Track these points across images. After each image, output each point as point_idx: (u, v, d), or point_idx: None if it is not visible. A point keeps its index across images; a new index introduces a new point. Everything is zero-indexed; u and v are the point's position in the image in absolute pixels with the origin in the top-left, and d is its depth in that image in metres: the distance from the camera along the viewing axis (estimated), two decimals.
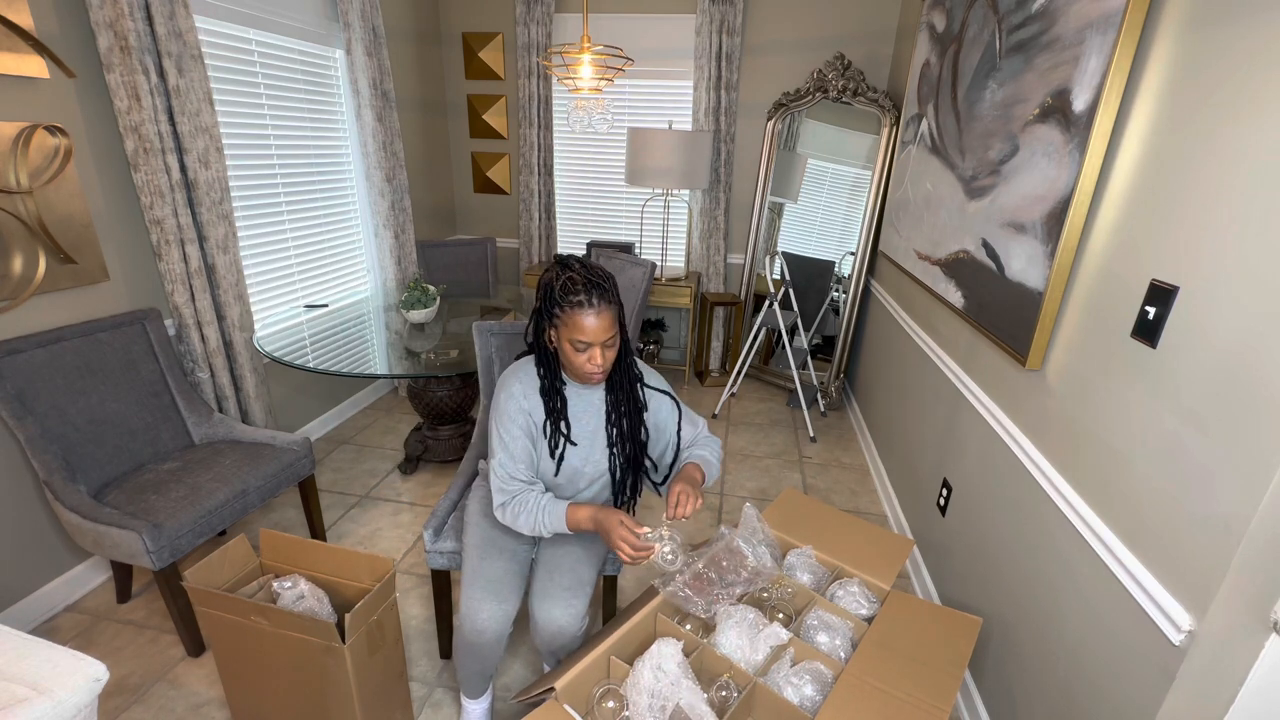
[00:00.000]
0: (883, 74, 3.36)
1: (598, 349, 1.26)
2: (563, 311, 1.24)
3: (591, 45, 2.55)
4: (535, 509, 1.33)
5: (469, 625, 1.35)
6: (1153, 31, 1.13)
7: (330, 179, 2.98)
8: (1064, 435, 1.32)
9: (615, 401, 1.40)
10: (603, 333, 1.25)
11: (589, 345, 1.25)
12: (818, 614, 1.42)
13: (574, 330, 1.23)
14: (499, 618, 1.35)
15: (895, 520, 2.46)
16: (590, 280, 1.24)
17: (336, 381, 3.18)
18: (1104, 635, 1.14)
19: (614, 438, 1.41)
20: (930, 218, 2.23)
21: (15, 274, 1.70)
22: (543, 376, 1.36)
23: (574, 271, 1.25)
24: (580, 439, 1.40)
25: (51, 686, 1.02)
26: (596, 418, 1.41)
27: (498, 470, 1.35)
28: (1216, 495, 0.91)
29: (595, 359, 1.26)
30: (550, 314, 1.26)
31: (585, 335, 1.23)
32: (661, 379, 1.51)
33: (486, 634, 1.35)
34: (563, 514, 1.32)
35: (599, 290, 1.24)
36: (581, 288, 1.23)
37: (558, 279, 1.25)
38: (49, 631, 1.83)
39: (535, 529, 1.33)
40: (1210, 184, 0.97)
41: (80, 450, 1.76)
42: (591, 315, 1.23)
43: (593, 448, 1.41)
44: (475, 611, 1.35)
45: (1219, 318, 0.93)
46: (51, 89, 1.76)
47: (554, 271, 1.27)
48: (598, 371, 1.28)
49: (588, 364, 1.27)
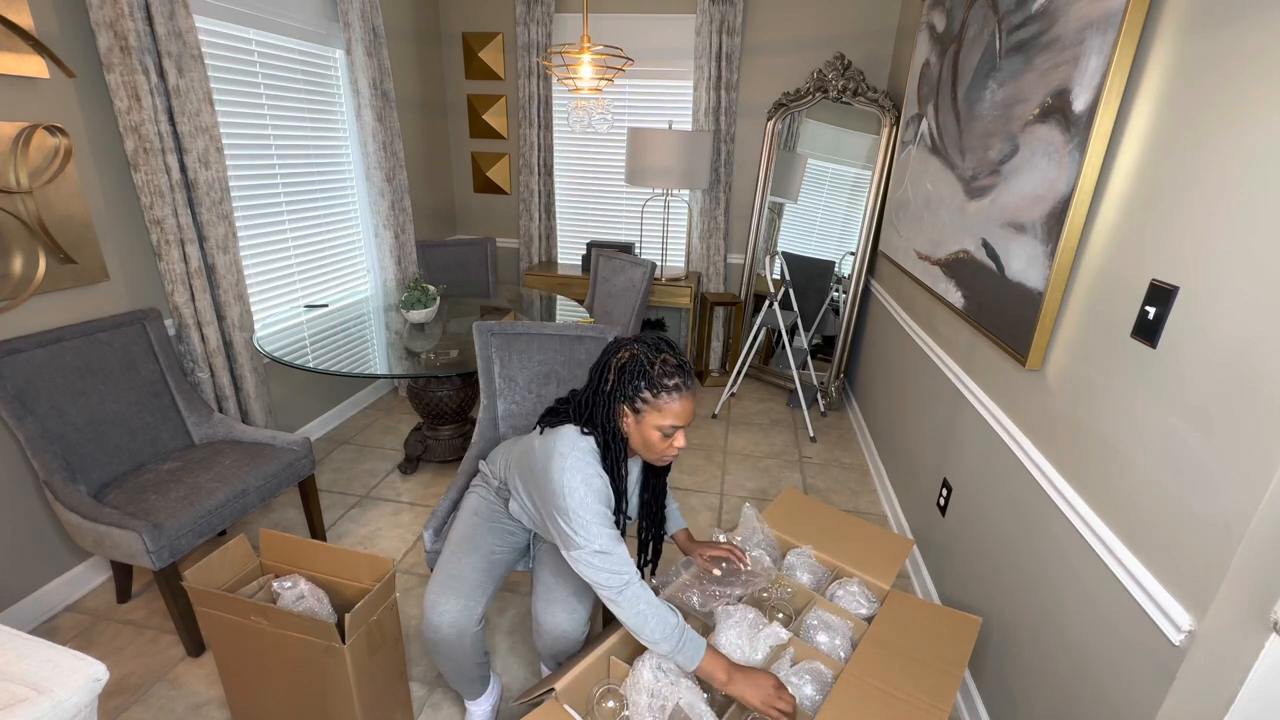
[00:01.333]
0: (883, 74, 3.36)
1: (682, 433, 1.20)
2: (656, 396, 1.15)
3: (591, 45, 2.55)
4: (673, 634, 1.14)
5: (426, 622, 1.34)
6: (1153, 32, 1.13)
7: (330, 179, 2.98)
8: (1064, 435, 1.32)
9: (651, 470, 1.38)
10: (692, 415, 1.21)
11: (679, 429, 1.18)
12: (818, 614, 1.42)
13: (666, 416, 1.16)
14: (457, 614, 1.32)
15: (895, 520, 2.45)
16: (683, 362, 1.18)
17: (336, 381, 3.18)
18: (1104, 635, 1.14)
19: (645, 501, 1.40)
20: (930, 218, 2.23)
21: (15, 274, 1.70)
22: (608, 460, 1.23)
23: (667, 353, 1.18)
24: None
25: (51, 686, 1.02)
26: (633, 486, 1.40)
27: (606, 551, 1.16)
28: (1217, 495, 0.91)
29: (679, 442, 1.19)
30: (635, 398, 1.17)
31: (679, 420, 1.17)
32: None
33: (442, 631, 1.32)
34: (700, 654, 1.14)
35: (691, 372, 1.19)
36: (677, 370, 1.16)
37: (652, 361, 1.16)
38: (49, 631, 1.83)
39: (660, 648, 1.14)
40: (1210, 184, 0.97)
41: (80, 450, 1.76)
42: (687, 399, 1.17)
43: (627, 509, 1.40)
44: (432, 607, 1.33)
45: (1219, 317, 0.93)
46: (51, 89, 1.76)
47: (641, 352, 1.17)
48: (677, 454, 1.23)
49: (671, 448, 1.20)
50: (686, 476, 2.79)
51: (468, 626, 1.34)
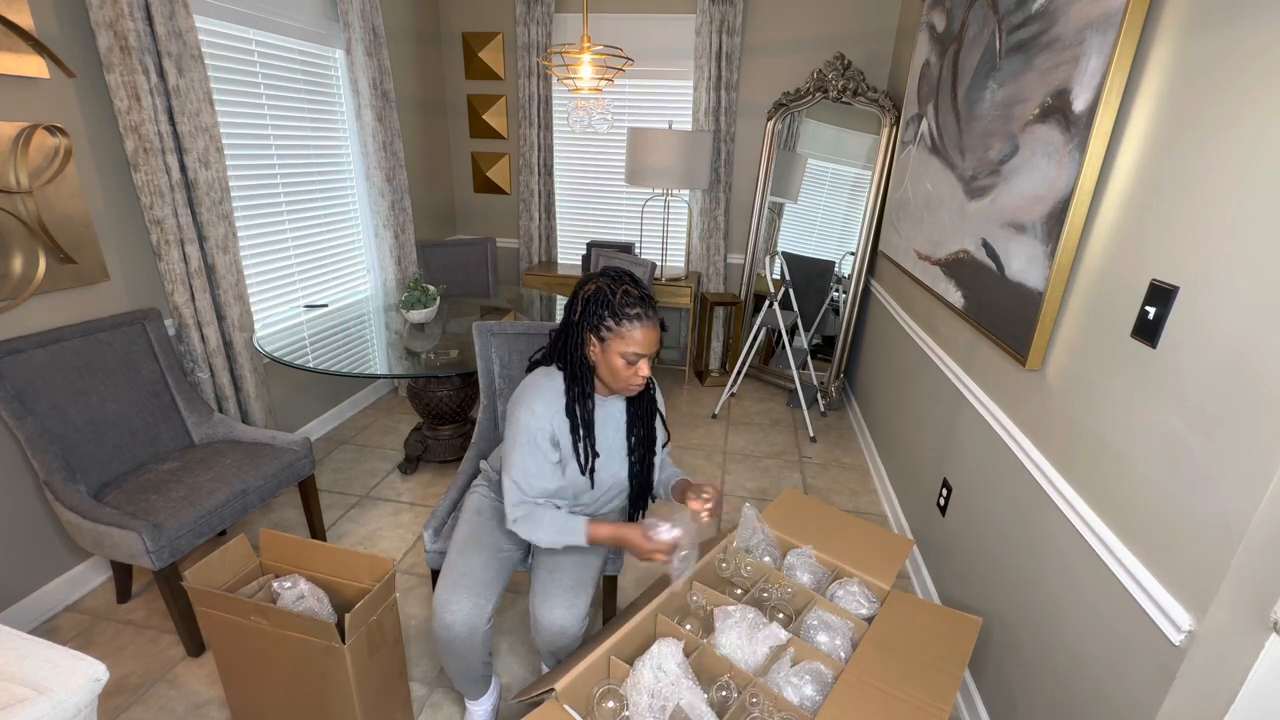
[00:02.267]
0: (883, 74, 3.36)
1: (645, 361, 1.28)
2: (618, 324, 1.25)
3: (591, 45, 2.55)
4: (556, 523, 1.35)
5: (437, 621, 1.35)
6: (1153, 32, 1.13)
7: (330, 179, 2.98)
8: (1064, 435, 1.32)
9: (637, 411, 1.43)
10: (655, 344, 1.28)
11: (641, 357, 1.27)
12: (818, 614, 1.42)
13: (629, 343, 1.25)
14: (468, 612, 1.33)
15: (895, 520, 2.45)
16: (645, 294, 1.27)
17: (336, 381, 3.18)
18: (1104, 635, 1.14)
19: (634, 446, 1.44)
20: (930, 218, 2.23)
21: (15, 274, 1.70)
22: (573, 392, 1.34)
23: (629, 285, 1.27)
24: (602, 450, 1.41)
25: (51, 686, 1.02)
26: (616, 429, 1.43)
27: (517, 486, 1.35)
28: (1217, 495, 0.91)
29: (643, 370, 1.29)
30: (600, 326, 1.26)
31: (641, 347, 1.26)
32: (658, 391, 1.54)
33: (455, 629, 1.33)
34: (583, 528, 1.35)
35: (653, 304, 1.28)
36: (638, 301, 1.25)
37: (614, 291, 1.26)
38: (49, 631, 1.83)
39: (554, 542, 1.35)
40: (1210, 184, 0.97)
41: (80, 450, 1.76)
42: (649, 327, 1.26)
43: (612, 458, 1.43)
44: (444, 606, 1.34)
45: (1219, 317, 0.93)
46: (51, 89, 1.76)
47: (604, 284, 1.27)
48: (643, 383, 1.31)
49: (635, 376, 1.29)
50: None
51: (479, 625, 1.35)
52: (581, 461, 1.38)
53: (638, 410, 1.43)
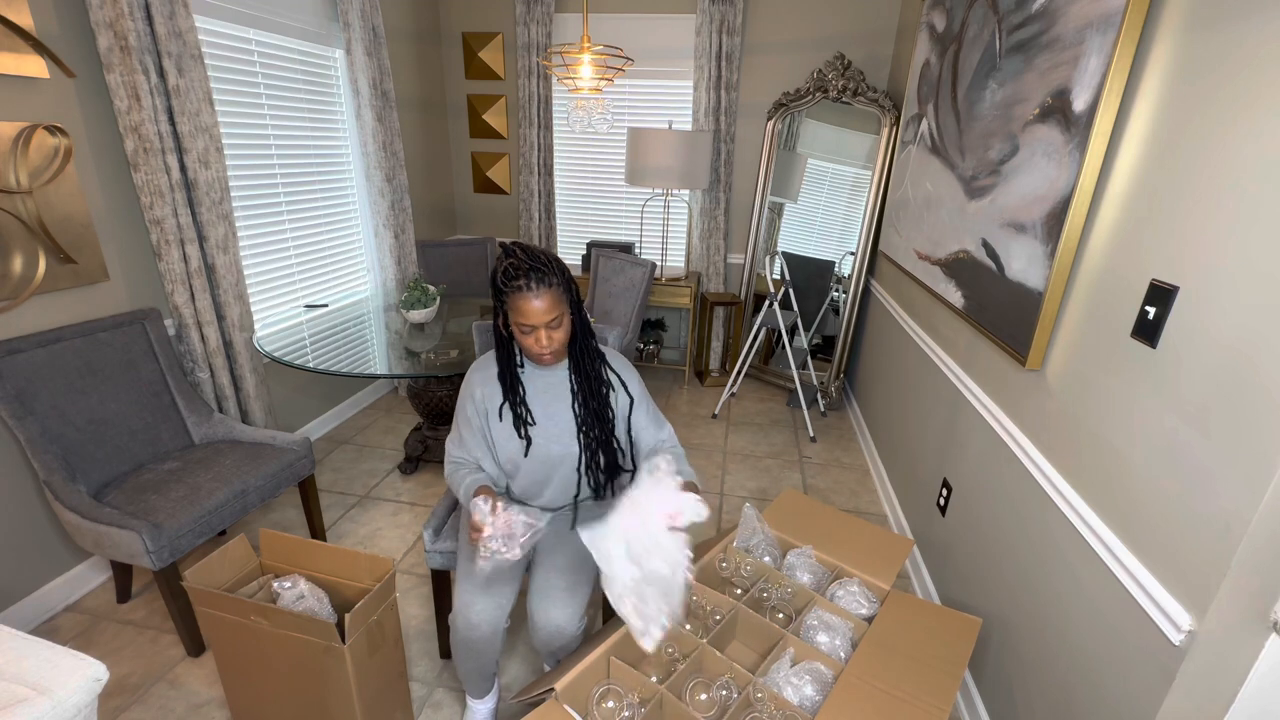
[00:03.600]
0: (883, 74, 3.36)
1: (542, 330, 1.30)
2: (507, 296, 1.29)
3: (591, 45, 2.55)
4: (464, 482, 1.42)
5: (461, 621, 1.36)
6: (1153, 32, 1.13)
7: (330, 179, 2.98)
8: (1064, 435, 1.32)
9: (579, 380, 1.43)
10: (545, 314, 1.28)
11: (533, 328, 1.30)
12: (818, 614, 1.42)
13: (518, 314, 1.29)
14: (491, 612, 1.36)
15: (895, 520, 2.45)
16: (531, 265, 1.27)
17: (336, 381, 3.18)
18: (1104, 635, 1.14)
19: (579, 415, 1.44)
20: (930, 218, 2.23)
21: (15, 274, 1.70)
22: (500, 361, 1.42)
23: (515, 257, 1.29)
24: (544, 419, 1.43)
25: (51, 686, 1.02)
26: (561, 398, 1.44)
27: (453, 441, 1.48)
28: (1217, 495, 0.91)
29: (541, 340, 1.31)
30: (499, 299, 1.32)
31: (528, 318, 1.28)
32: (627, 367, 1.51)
33: (480, 629, 1.35)
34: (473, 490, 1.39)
35: (537, 274, 1.27)
36: (520, 272, 1.26)
37: (501, 265, 1.30)
38: (49, 631, 1.83)
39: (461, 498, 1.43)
40: (1210, 184, 0.97)
41: (80, 450, 1.76)
42: (532, 298, 1.27)
43: (559, 428, 1.43)
44: (467, 607, 1.36)
45: (1219, 317, 0.93)
46: (51, 89, 1.76)
47: (499, 256, 1.33)
48: (545, 352, 1.33)
49: (535, 345, 1.32)
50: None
51: (499, 623, 1.38)
52: (516, 428, 1.41)
53: (580, 379, 1.43)
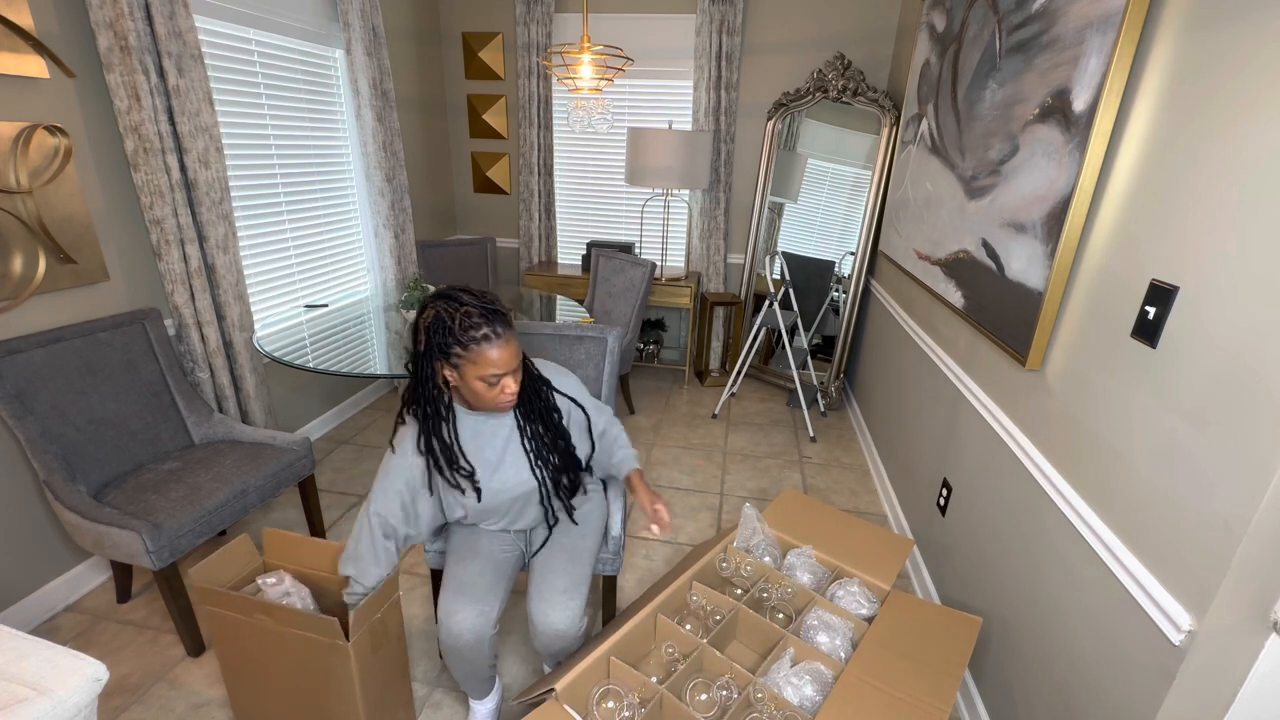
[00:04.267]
0: (883, 74, 3.36)
1: (510, 377, 1.19)
2: (466, 349, 1.15)
3: (591, 45, 2.55)
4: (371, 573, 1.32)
5: (444, 630, 1.35)
6: (1153, 32, 1.13)
7: (330, 179, 2.98)
8: (1064, 435, 1.32)
9: (525, 413, 1.34)
10: (514, 359, 1.18)
11: (501, 376, 1.18)
12: (818, 614, 1.43)
13: (485, 366, 1.15)
14: (474, 620, 1.33)
15: (895, 520, 2.46)
16: (488, 309, 1.16)
17: (336, 381, 3.18)
18: (1104, 635, 1.14)
19: (531, 449, 1.36)
20: (930, 218, 2.23)
21: (15, 274, 1.70)
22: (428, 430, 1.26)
23: (468, 305, 1.16)
24: (491, 461, 1.35)
25: (51, 686, 1.02)
26: (506, 435, 1.35)
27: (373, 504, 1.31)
28: (1216, 495, 0.91)
29: (509, 388, 1.20)
30: (449, 353, 1.16)
31: (498, 368, 1.16)
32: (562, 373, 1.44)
33: (463, 638, 1.34)
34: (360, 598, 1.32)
35: (500, 317, 1.16)
36: (483, 320, 1.14)
37: (453, 316, 1.14)
38: (49, 631, 1.83)
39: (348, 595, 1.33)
40: (1210, 184, 0.97)
41: (80, 450, 1.76)
42: (500, 345, 1.15)
43: (511, 466, 1.36)
44: (449, 615, 1.34)
45: (1219, 318, 0.93)
46: (51, 89, 1.76)
47: (441, 308, 1.16)
48: (513, 400, 1.23)
49: (501, 395, 1.20)
50: (686, 476, 2.79)
51: (485, 631, 1.35)
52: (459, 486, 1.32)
53: (526, 412, 1.34)
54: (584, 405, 1.46)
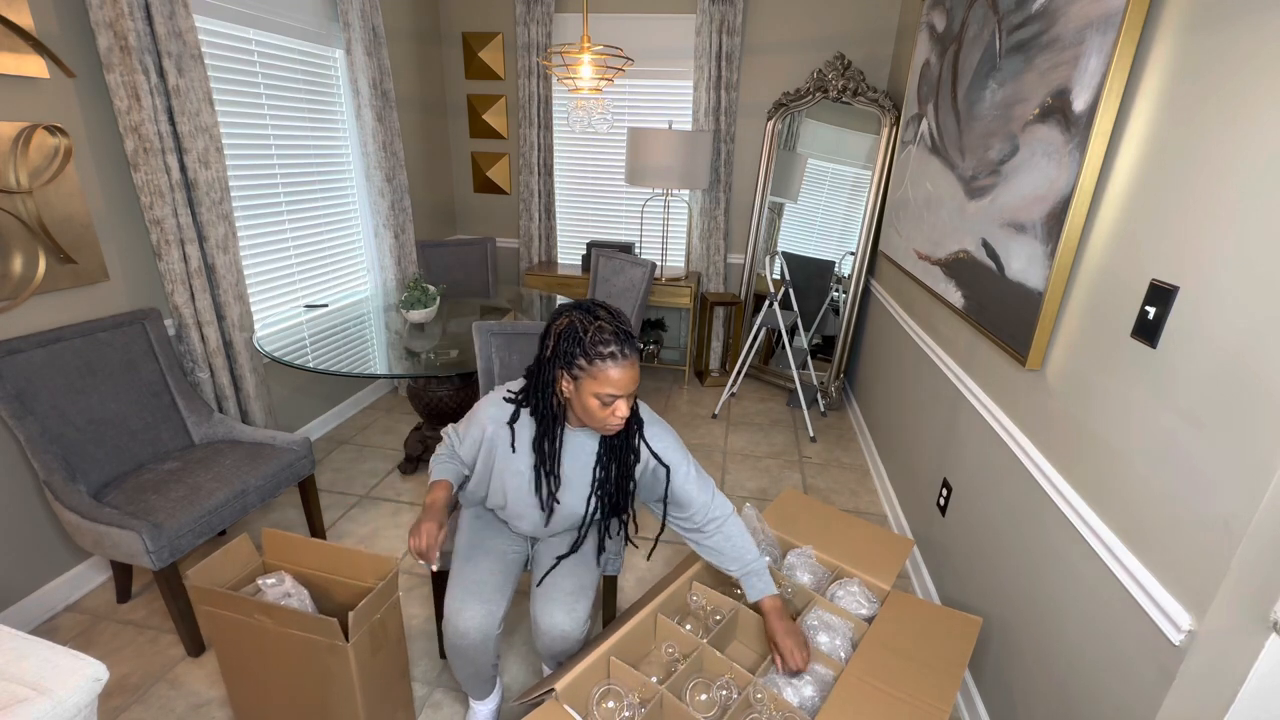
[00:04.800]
0: (883, 74, 3.36)
1: (624, 401, 1.19)
2: (590, 363, 1.15)
3: (591, 45, 2.55)
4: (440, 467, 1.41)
5: (450, 628, 1.35)
6: (1153, 32, 1.13)
7: (330, 179, 2.98)
8: (1064, 435, 1.32)
9: (610, 447, 1.32)
10: (633, 383, 1.17)
11: (616, 398, 1.17)
12: (818, 614, 1.42)
13: (603, 384, 1.15)
14: (481, 619, 1.34)
15: (895, 520, 2.45)
16: (620, 330, 1.17)
17: (336, 381, 3.18)
18: (1104, 635, 1.14)
19: (597, 480, 1.34)
20: (930, 218, 2.23)
21: (15, 274, 1.70)
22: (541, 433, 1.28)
23: (603, 320, 1.17)
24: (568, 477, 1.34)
25: (51, 686, 1.02)
26: (585, 458, 1.34)
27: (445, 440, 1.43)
28: (1216, 495, 0.91)
29: (620, 411, 1.19)
30: (573, 364, 1.17)
31: (616, 388, 1.16)
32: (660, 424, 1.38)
33: (469, 636, 1.34)
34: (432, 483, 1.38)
35: (630, 340, 1.17)
36: (613, 338, 1.15)
37: (585, 328, 1.16)
38: (49, 631, 1.83)
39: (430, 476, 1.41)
40: (1210, 184, 0.97)
41: (80, 450, 1.76)
42: (625, 367, 1.16)
43: (571, 490, 1.35)
44: (457, 614, 1.34)
45: (1219, 318, 0.93)
46: (51, 89, 1.76)
47: (577, 318, 1.18)
48: (621, 424, 1.21)
49: (611, 417, 1.19)
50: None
51: (491, 629, 1.35)
52: (542, 497, 1.32)
53: (614, 445, 1.32)
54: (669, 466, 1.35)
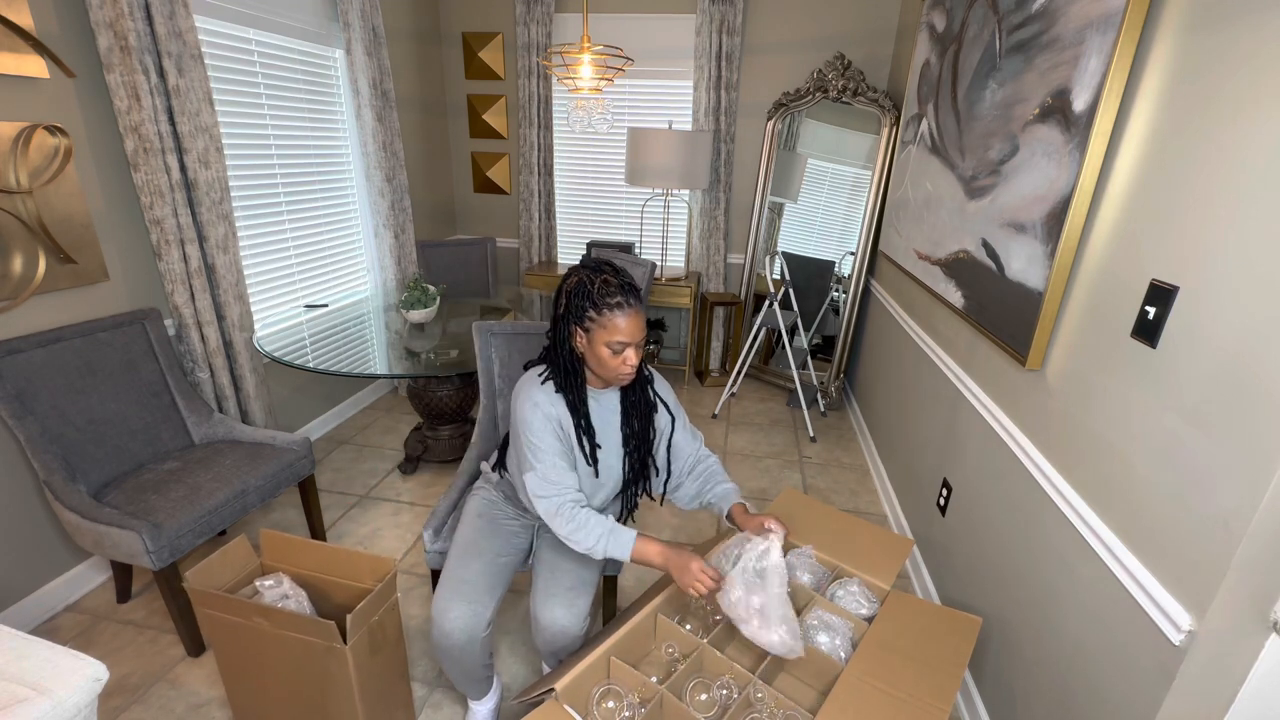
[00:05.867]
0: (883, 74, 3.36)
1: (633, 349, 1.28)
2: (599, 314, 1.25)
3: (591, 45, 2.55)
4: (601, 531, 1.28)
5: (435, 628, 1.34)
6: (1153, 31, 1.13)
7: (330, 179, 2.98)
8: (1064, 435, 1.32)
9: (631, 402, 1.42)
10: (639, 332, 1.27)
11: (626, 345, 1.27)
12: (818, 614, 1.42)
13: (612, 332, 1.25)
14: (466, 619, 1.33)
15: (895, 520, 2.45)
16: (625, 282, 1.27)
17: (336, 381, 3.18)
18: (1104, 635, 1.14)
19: (628, 438, 1.43)
20: (930, 218, 2.23)
21: (15, 274, 1.70)
22: (565, 386, 1.34)
23: (608, 274, 1.27)
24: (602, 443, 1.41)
25: (51, 686, 1.02)
26: (611, 420, 1.43)
27: (544, 477, 1.30)
28: (1216, 495, 0.91)
29: (630, 359, 1.28)
30: (584, 317, 1.26)
31: (624, 336, 1.25)
32: (665, 385, 1.52)
33: (453, 636, 1.33)
34: (630, 543, 1.28)
35: (634, 291, 1.28)
36: (618, 289, 1.25)
37: (592, 282, 1.26)
38: (49, 631, 1.83)
39: (594, 550, 1.29)
40: (1210, 184, 0.97)
41: (80, 450, 1.76)
42: (631, 315, 1.25)
43: (609, 452, 1.43)
44: (442, 613, 1.34)
45: (1219, 318, 0.93)
46: (51, 89, 1.76)
47: (584, 275, 1.28)
48: (632, 372, 1.30)
49: (623, 365, 1.29)
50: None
51: (477, 631, 1.34)
52: (586, 452, 1.38)
53: (633, 400, 1.43)
54: (673, 413, 1.49)
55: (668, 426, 1.50)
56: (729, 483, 1.51)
